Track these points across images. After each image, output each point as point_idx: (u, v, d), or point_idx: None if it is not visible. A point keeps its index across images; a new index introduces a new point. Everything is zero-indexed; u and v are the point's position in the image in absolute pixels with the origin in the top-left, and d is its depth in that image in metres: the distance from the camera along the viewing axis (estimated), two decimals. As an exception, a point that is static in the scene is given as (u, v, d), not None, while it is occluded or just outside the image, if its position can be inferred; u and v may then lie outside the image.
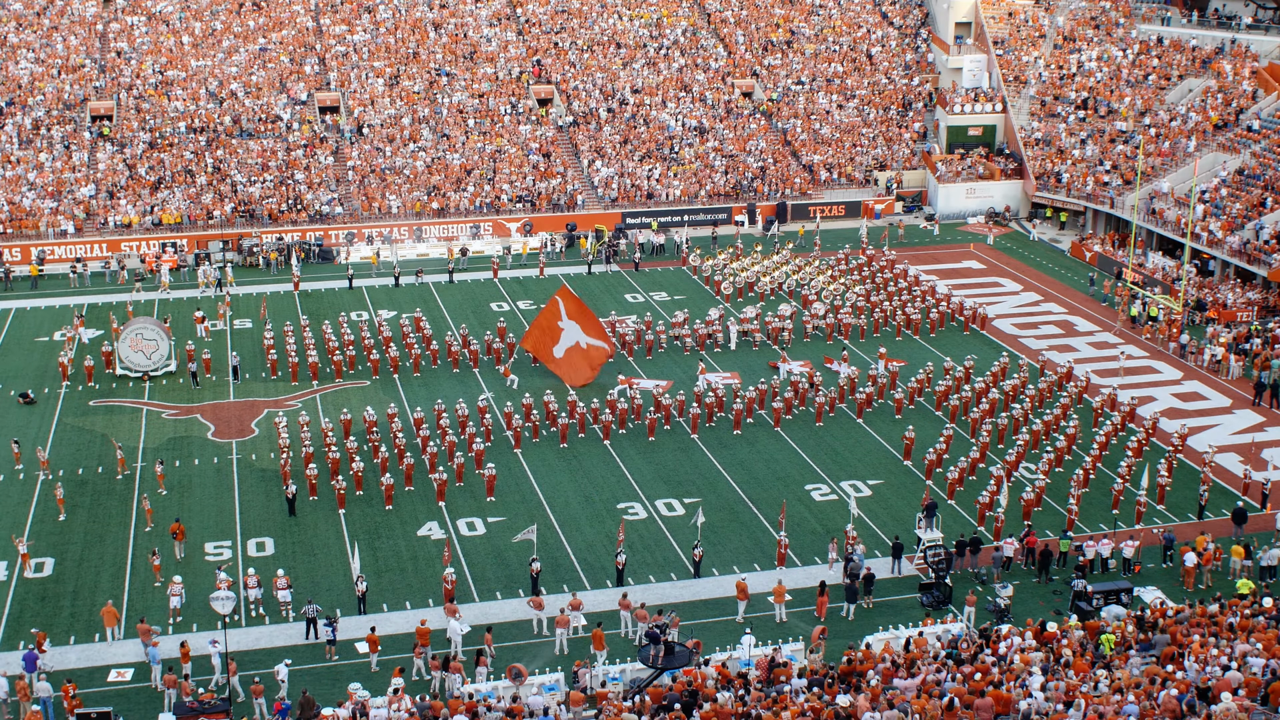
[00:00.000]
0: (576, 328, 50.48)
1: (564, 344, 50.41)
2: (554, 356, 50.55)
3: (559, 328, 50.53)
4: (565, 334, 50.43)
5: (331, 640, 33.21)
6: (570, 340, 50.42)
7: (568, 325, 50.48)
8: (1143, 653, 27.95)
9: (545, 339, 50.79)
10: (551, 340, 50.57)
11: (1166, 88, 77.58)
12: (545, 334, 50.81)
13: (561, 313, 50.59)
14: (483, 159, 76.22)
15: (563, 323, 50.47)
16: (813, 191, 77.72)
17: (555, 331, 50.59)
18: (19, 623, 34.43)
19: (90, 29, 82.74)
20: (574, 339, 50.44)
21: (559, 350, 50.43)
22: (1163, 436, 45.55)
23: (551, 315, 50.80)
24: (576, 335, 50.47)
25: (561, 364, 50.54)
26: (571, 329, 50.47)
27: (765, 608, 35.16)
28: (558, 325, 50.55)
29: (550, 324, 50.73)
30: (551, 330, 50.64)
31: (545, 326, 50.88)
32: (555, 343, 50.50)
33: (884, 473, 43.71)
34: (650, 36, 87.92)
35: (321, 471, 42.56)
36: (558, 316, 50.60)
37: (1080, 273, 67.02)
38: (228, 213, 70.01)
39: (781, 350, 53.61)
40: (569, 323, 50.49)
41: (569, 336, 50.42)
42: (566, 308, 50.70)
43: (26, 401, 49.10)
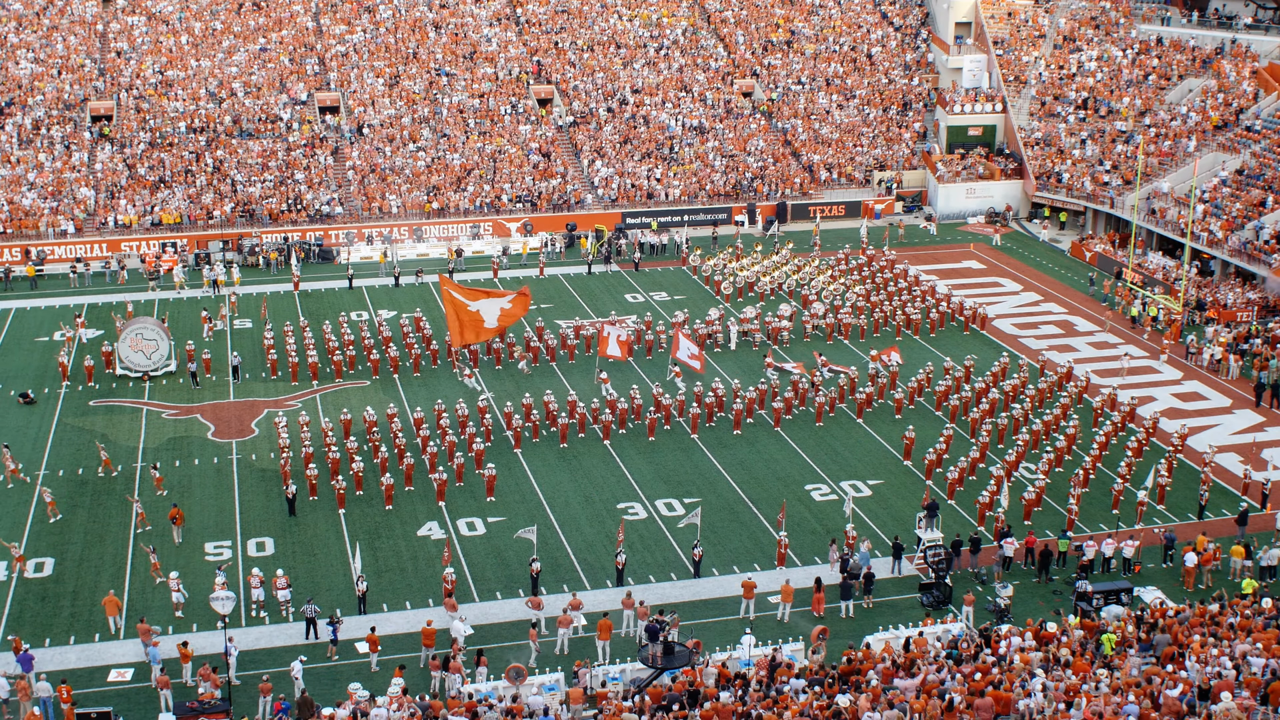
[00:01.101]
0: (486, 299, 51.02)
1: (490, 315, 50.78)
2: (490, 327, 50.97)
3: (474, 311, 50.72)
4: (484, 310, 50.82)
5: (334, 639, 33.25)
6: (493, 310, 50.87)
7: (479, 304, 50.84)
8: (1143, 653, 27.95)
9: (470, 325, 50.81)
10: (477, 321, 50.78)
11: (1166, 88, 77.59)
12: (468, 323, 50.80)
13: (462, 300, 50.73)
14: (483, 159, 76.22)
15: (474, 305, 50.75)
16: (813, 191, 77.72)
17: (473, 316, 50.71)
18: (19, 623, 34.42)
19: (90, 29, 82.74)
20: (494, 307, 50.93)
21: (490, 321, 50.84)
22: (1163, 437, 45.54)
23: (458, 308, 50.73)
24: (495, 303, 51.02)
25: (501, 325, 51.11)
26: (484, 304, 50.88)
27: (766, 607, 35.15)
28: (470, 310, 50.71)
29: (463, 314, 50.70)
30: (470, 317, 50.70)
31: (463, 319, 50.79)
32: (481, 320, 50.80)
33: (884, 473, 43.71)
34: (650, 36, 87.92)
35: (321, 471, 42.56)
36: (463, 305, 50.72)
37: (1080, 273, 67.02)
38: (228, 213, 70.01)
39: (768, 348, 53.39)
40: (479, 302, 50.84)
41: (488, 310, 50.85)
42: (465, 295, 50.95)
43: (26, 401, 49.10)
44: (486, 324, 50.95)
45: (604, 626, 32.58)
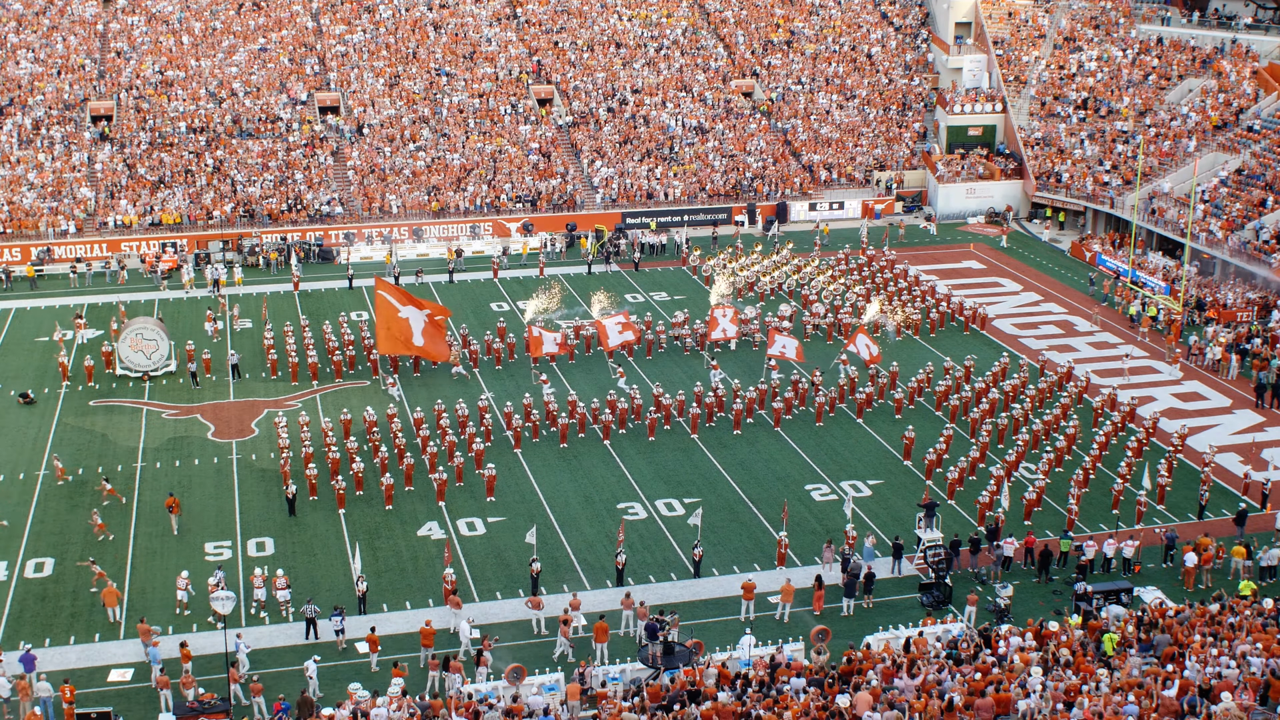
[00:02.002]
0: (413, 309, 50.04)
1: (417, 328, 49.95)
2: (416, 345, 50.15)
3: (403, 318, 49.84)
4: (412, 320, 49.92)
5: (340, 630, 33.45)
6: (419, 321, 49.98)
7: (408, 311, 49.91)
8: (1143, 653, 27.94)
9: (397, 335, 50.06)
10: (405, 332, 50.00)
11: (1166, 88, 77.59)
12: (395, 331, 50.02)
13: (395, 304, 49.88)
14: (483, 159, 76.22)
15: (404, 311, 49.83)
16: (813, 191, 77.74)
17: (402, 324, 49.88)
18: (19, 623, 34.43)
19: (90, 29, 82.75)
20: (420, 319, 50.01)
21: (418, 338, 50.02)
22: (1163, 437, 45.55)
23: (388, 312, 49.96)
24: (420, 314, 50.05)
25: (427, 348, 50.29)
26: (411, 312, 49.93)
27: (766, 607, 35.15)
28: (400, 317, 49.83)
29: (393, 321, 49.91)
30: (398, 324, 49.90)
31: (390, 325, 50.01)
32: (410, 332, 49.97)
33: (884, 473, 43.71)
34: (650, 37, 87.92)
35: (321, 471, 42.56)
36: (395, 310, 49.89)
37: (1080, 273, 67.03)
38: (228, 213, 70.02)
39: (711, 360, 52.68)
40: (407, 309, 49.93)
41: (415, 320, 49.95)
42: (396, 298, 50.06)
43: (26, 401, 49.10)
44: (414, 339, 49.80)
45: (600, 629, 32.58)
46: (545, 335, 51.04)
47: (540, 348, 50.85)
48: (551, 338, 51.12)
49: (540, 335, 50.91)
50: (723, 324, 53.18)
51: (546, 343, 50.90)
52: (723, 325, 53.19)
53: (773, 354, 50.78)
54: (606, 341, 51.81)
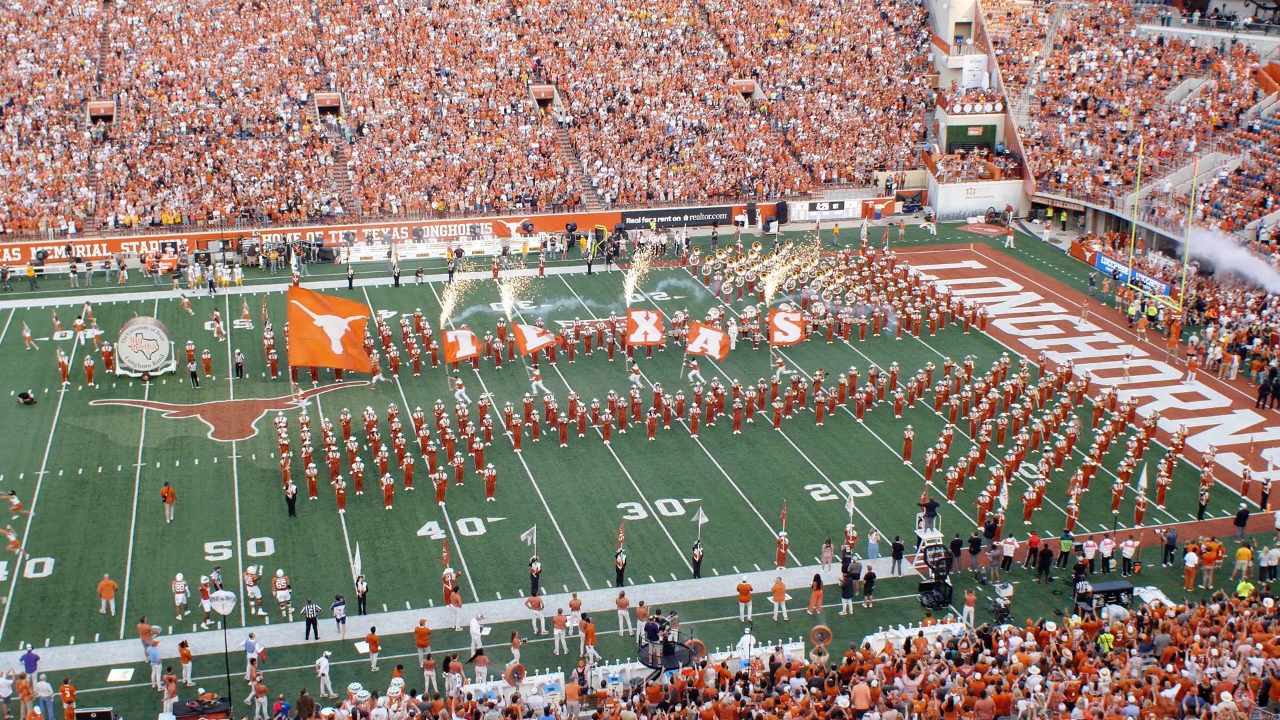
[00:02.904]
0: (330, 317, 48.75)
1: (334, 338, 48.60)
2: (334, 354, 48.87)
3: (318, 327, 48.60)
4: (328, 328, 48.71)
5: (342, 619, 33.73)
6: (337, 330, 48.66)
7: (324, 320, 48.62)
8: (1143, 653, 27.94)
9: (314, 344, 48.72)
10: (322, 341, 48.68)
11: (1166, 88, 77.59)
12: (309, 341, 48.69)
13: (309, 314, 48.60)
14: (483, 159, 76.22)
15: (319, 320, 48.54)
16: (813, 191, 77.74)
17: (317, 333, 48.62)
18: (19, 623, 34.43)
19: (90, 29, 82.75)
20: (338, 328, 48.71)
21: (336, 347, 48.68)
22: (1163, 436, 45.54)
23: (301, 321, 48.62)
24: (337, 323, 48.77)
25: (345, 357, 49.05)
26: (329, 321, 48.67)
27: (766, 608, 35.15)
28: (315, 325, 48.56)
29: (307, 330, 48.58)
30: (313, 334, 48.59)
31: (303, 335, 48.64)
32: (327, 341, 48.68)
33: (884, 473, 43.70)
34: (650, 37, 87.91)
35: (321, 471, 42.57)
36: (309, 319, 48.53)
37: (1080, 273, 67.03)
38: (228, 213, 70.02)
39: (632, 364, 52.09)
40: (323, 317, 48.63)
41: (333, 328, 48.68)
42: (310, 305, 48.80)
43: (26, 401, 49.10)
44: (331, 348, 48.46)
45: (589, 631, 32.58)
46: (460, 337, 49.89)
47: (455, 352, 49.74)
48: (467, 338, 50.00)
49: (456, 340, 49.80)
50: (644, 327, 52.35)
51: (462, 345, 49.75)
52: (644, 328, 52.36)
53: (693, 350, 50.71)
54: (524, 346, 50.78)
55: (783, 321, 52.58)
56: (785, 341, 52.85)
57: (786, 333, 52.57)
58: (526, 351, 51.39)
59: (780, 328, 52.36)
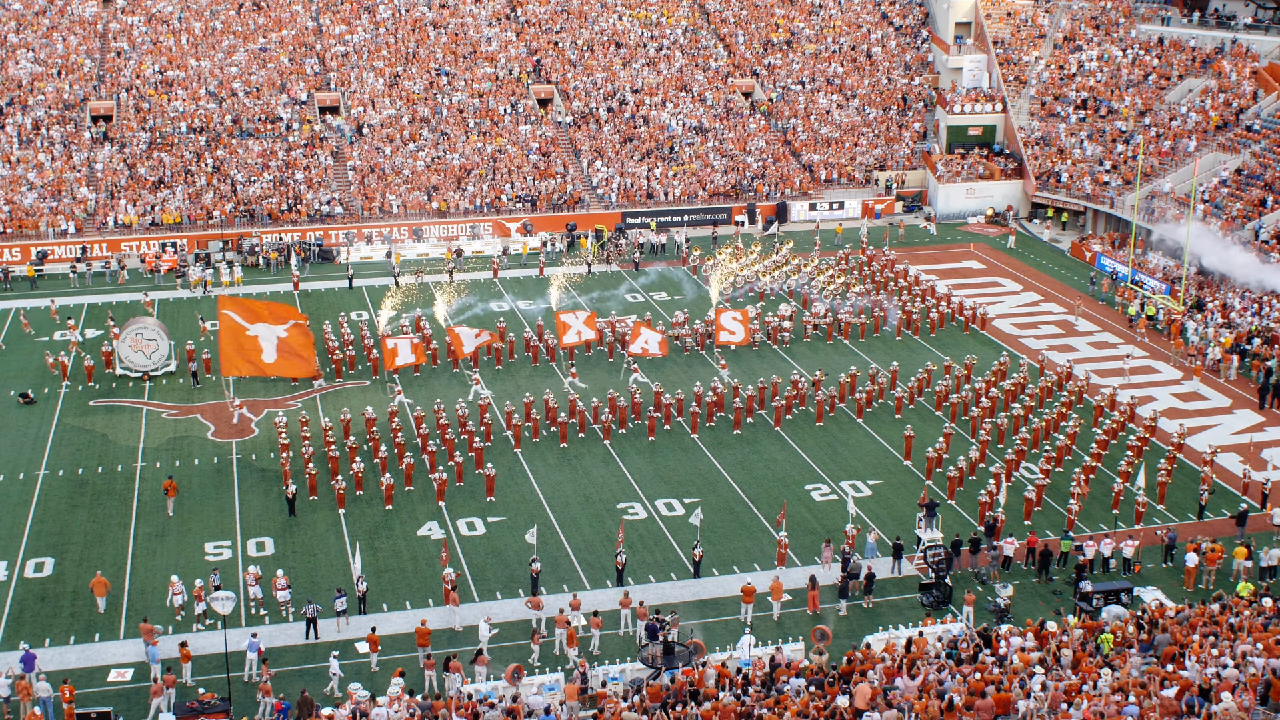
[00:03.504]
0: (263, 325, 47.66)
1: (268, 346, 47.47)
2: (267, 364, 47.62)
3: (251, 335, 47.37)
4: (261, 336, 47.49)
5: (342, 611, 33.96)
6: (270, 338, 47.55)
7: (257, 328, 47.46)
8: (1144, 653, 27.94)
9: (246, 354, 47.47)
10: (253, 351, 47.45)
11: (1166, 88, 77.59)
12: (242, 350, 47.42)
13: (242, 323, 47.48)
14: (483, 159, 76.22)
15: (251, 329, 47.38)
16: (813, 191, 77.75)
17: (250, 341, 47.37)
18: (19, 623, 34.43)
19: (90, 29, 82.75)
20: (272, 335, 47.61)
21: (269, 355, 47.46)
22: (1162, 436, 45.54)
23: (234, 332, 47.42)
24: (271, 330, 47.68)
25: (279, 365, 47.95)
26: (262, 329, 47.52)
27: (765, 608, 35.15)
28: (247, 335, 47.36)
29: (239, 340, 47.38)
30: (245, 343, 47.37)
31: (236, 344, 47.42)
32: (259, 350, 47.46)
33: (884, 473, 43.70)
34: (650, 37, 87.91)
35: (321, 471, 42.56)
36: (241, 329, 47.39)
37: (1080, 273, 67.04)
38: (228, 213, 70.02)
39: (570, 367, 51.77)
40: (256, 325, 47.51)
41: (266, 336, 47.53)
42: (242, 315, 47.68)
43: (26, 401, 49.10)
44: (264, 356, 47.31)
45: (570, 635, 32.50)
46: (400, 344, 49.12)
47: (394, 359, 49.01)
48: (407, 346, 49.22)
49: (395, 346, 49.03)
50: (575, 326, 51.69)
51: (402, 352, 48.98)
52: (575, 327, 51.69)
53: (634, 351, 50.54)
54: (461, 349, 50.25)
55: (729, 321, 52.19)
56: (731, 341, 52.58)
57: (733, 332, 52.21)
58: (464, 355, 50.75)
59: (726, 327, 51.98)
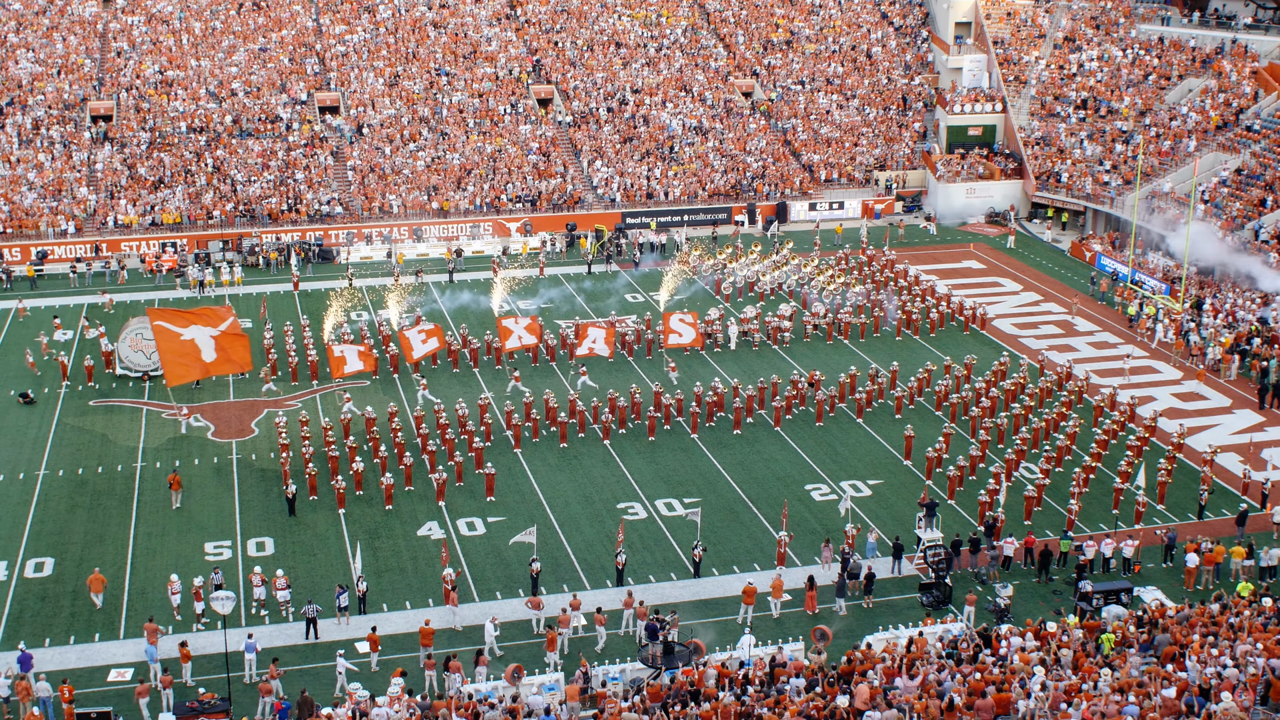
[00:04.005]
0: (197, 327, 46.89)
1: (204, 347, 46.70)
2: (207, 363, 46.94)
3: (186, 340, 46.61)
4: (197, 340, 46.69)
5: (343, 608, 34.10)
6: (205, 340, 46.77)
7: (190, 332, 46.66)
8: (1144, 653, 27.93)
9: (185, 360, 46.68)
10: (191, 356, 46.69)
11: (1166, 88, 77.59)
12: (181, 357, 46.62)
13: (175, 330, 46.70)
14: (483, 159, 76.22)
15: (186, 334, 46.60)
16: (813, 191, 77.74)
17: (186, 346, 46.62)
18: (19, 623, 34.43)
19: (90, 29, 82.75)
20: (206, 335, 46.80)
21: (207, 355, 46.71)
22: (1162, 436, 45.54)
23: (169, 340, 46.60)
24: (204, 332, 46.84)
25: (219, 363, 47.21)
26: (196, 332, 46.71)
27: (765, 608, 35.14)
28: (183, 340, 46.59)
29: (176, 347, 46.57)
30: (182, 349, 46.60)
31: (174, 352, 46.56)
32: (196, 353, 46.71)
33: (884, 472, 43.70)
34: (650, 36, 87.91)
35: (321, 471, 42.56)
36: (176, 336, 46.60)
37: (1080, 273, 67.04)
38: (228, 213, 70.02)
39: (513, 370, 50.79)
40: (190, 329, 46.72)
41: (202, 339, 46.74)
42: (174, 322, 46.97)
43: (26, 401, 49.10)
44: (203, 357, 46.56)
45: (551, 639, 32.54)
46: (347, 351, 48.52)
47: (343, 366, 48.35)
48: (354, 353, 48.62)
49: (342, 354, 48.46)
50: (516, 331, 51.36)
51: (350, 360, 48.37)
52: (516, 332, 51.35)
53: (580, 353, 50.42)
54: (410, 354, 49.96)
55: (677, 323, 51.86)
56: (680, 344, 52.21)
57: (681, 334, 51.85)
58: (413, 360, 50.43)
59: (674, 329, 51.64)
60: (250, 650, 32.01)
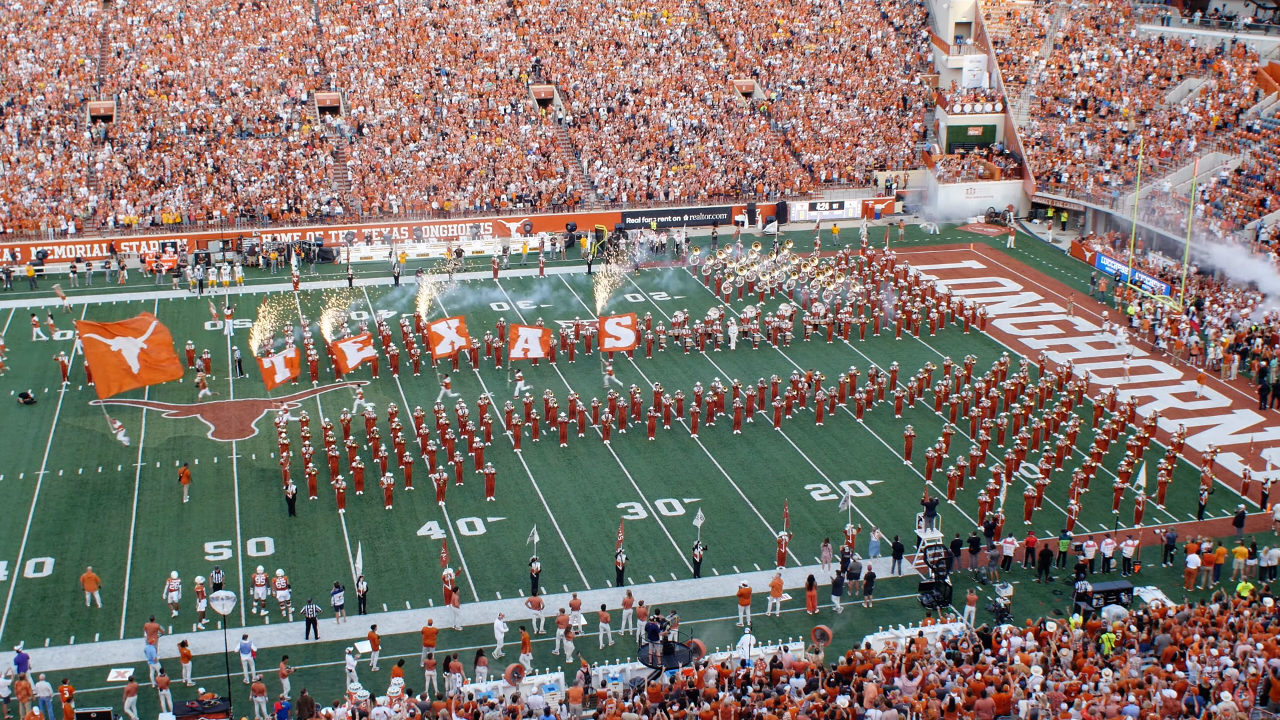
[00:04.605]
0: (125, 339, 46.99)
1: (131, 358, 46.88)
2: (135, 375, 47.04)
3: (114, 352, 46.69)
4: (125, 351, 46.83)
5: (339, 606, 34.22)
6: (132, 351, 46.89)
7: (119, 343, 46.80)
8: (1143, 653, 27.93)
9: (114, 372, 46.79)
10: (120, 368, 46.80)
11: (1166, 88, 77.59)
12: (110, 370, 46.71)
13: (104, 342, 46.76)
14: (483, 159, 76.22)
15: (115, 345, 46.74)
16: (813, 191, 77.74)
17: (114, 359, 46.68)
18: (19, 623, 34.43)
19: (90, 29, 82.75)
20: (134, 347, 46.90)
21: (134, 367, 46.86)
22: (1162, 436, 45.53)
23: (98, 353, 46.73)
24: (132, 344, 46.96)
25: (145, 374, 47.35)
26: (123, 343, 46.84)
27: (765, 608, 35.14)
28: (112, 352, 46.69)
29: (105, 360, 46.66)
30: (111, 361, 46.66)
31: (103, 364, 46.65)
32: (125, 365, 46.86)
33: (884, 472, 43.69)
34: (650, 36, 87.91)
35: (321, 471, 42.56)
36: (105, 347, 46.71)
37: (1080, 273, 67.03)
38: (228, 213, 70.01)
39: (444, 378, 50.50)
40: (118, 340, 46.85)
41: (129, 350, 46.86)
42: (102, 334, 46.90)
43: (26, 401, 49.10)
44: (131, 370, 46.73)
45: (525, 640, 32.44)
46: (276, 363, 48.01)
47: (273, 377, 47.94)
48: (281, 362, 48.11)
49: (272, 365, 48.00)
50: (449, 336, 50.86)
51: (279, 371, 47.94)
52: (449, 338, 50.86)
53: (515, 356, 50.19)
54: (345, 363, 49.54)
55: (614, 326, 51.47)
56: (617, 347, 51.79)
57: (619, 338, 51.46)
58: (348, 369, 49.94)
59: (611, 333, 51.26)
60: (245, 651, 31.96)
